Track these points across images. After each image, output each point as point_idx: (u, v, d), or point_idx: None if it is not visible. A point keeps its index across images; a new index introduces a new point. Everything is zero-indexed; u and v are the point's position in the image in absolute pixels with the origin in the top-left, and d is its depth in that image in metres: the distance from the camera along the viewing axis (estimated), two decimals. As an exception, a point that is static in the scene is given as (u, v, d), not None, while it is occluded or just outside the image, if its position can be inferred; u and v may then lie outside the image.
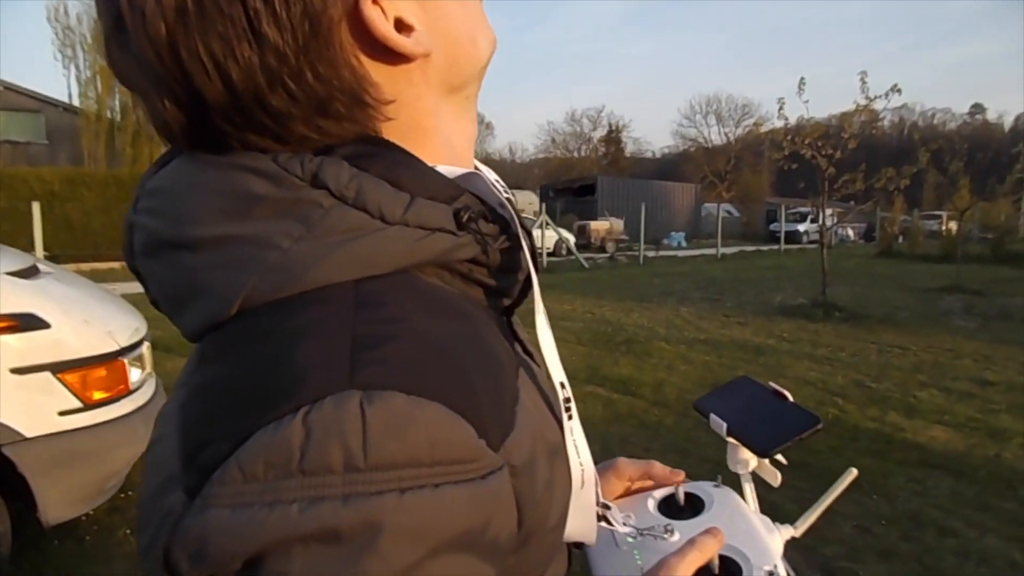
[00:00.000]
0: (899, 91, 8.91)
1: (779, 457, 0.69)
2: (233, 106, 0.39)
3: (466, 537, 0.36)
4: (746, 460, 0.70)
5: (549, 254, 18.13)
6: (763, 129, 11.48)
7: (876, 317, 8.67)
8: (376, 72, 0.42)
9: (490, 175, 0.51)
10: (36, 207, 11.39)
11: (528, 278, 0.50)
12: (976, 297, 10.78)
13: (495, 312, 0.49)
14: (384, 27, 0.40)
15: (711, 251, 21.96)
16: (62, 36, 21.52)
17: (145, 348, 3.03)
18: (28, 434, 2.41)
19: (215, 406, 0.36)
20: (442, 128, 0.48)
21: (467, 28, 0.47)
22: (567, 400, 0.49)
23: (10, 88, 22.88)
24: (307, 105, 0.40)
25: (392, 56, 0.42)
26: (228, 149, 0.41)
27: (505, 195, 0.49)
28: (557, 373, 0.48)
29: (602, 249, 22.51)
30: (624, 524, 0.61)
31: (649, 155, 68.29)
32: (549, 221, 17.24)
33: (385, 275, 0.41)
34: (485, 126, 63.87)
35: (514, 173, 61.46)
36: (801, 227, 30.04)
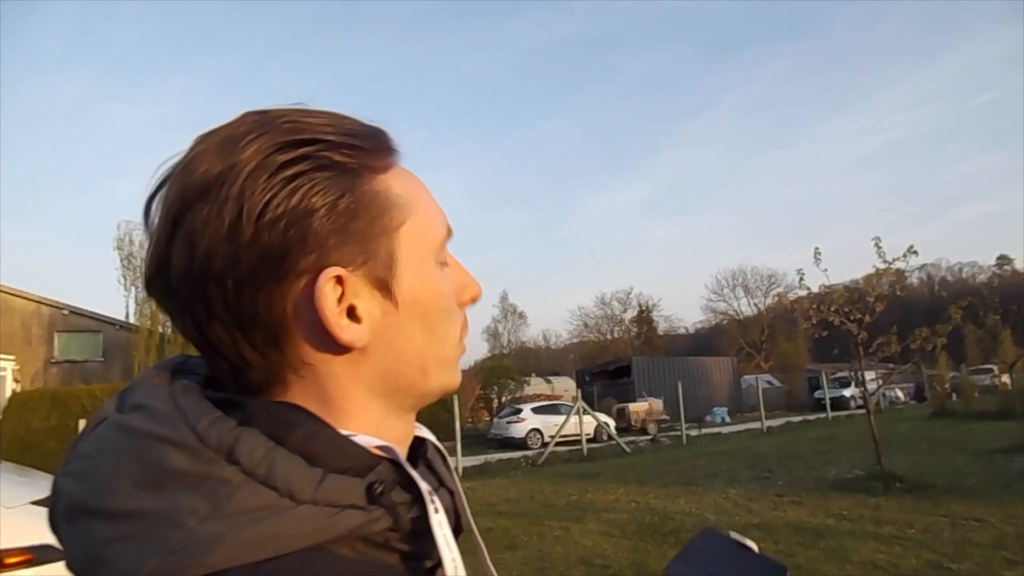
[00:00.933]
0: (916, 252, 9.01)
1: None
2: (184, 278, 0.45)
3: None
4: None
5: (589, 440, 17.62)
6: (789, 299, 11.49)
7: (941, 486, 8.06)
8: (305, 334, 0.46)
9: (429, 436, 0.57)
10: (82, 423, 11.56)
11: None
12: (1048, 456, 10.06)
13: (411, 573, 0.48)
14: (326, 302, 0.45)
15: (756, 425, 21.17)
16: (125, 261, 23.20)
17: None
18: None
19: None
20: (364, 418, 0.49)
21: (422, 355, 0.51)
22: None
23: (75, 312, 24.64)
24: (230, 319, 0.45)
25: (323, 334, 0.46)
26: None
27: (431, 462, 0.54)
28: None
29: (643, 431, 21.91)
30: None
31: (683, 331, 68.57)
32: (587, 407, 16.97)
33: (290, 554, 0.41)
34: (518, 315, 65.29)
35: (550, 359, 61.79)
36: (847, 392, 29.05)
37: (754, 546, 0.67)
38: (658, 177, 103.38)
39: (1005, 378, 15.96)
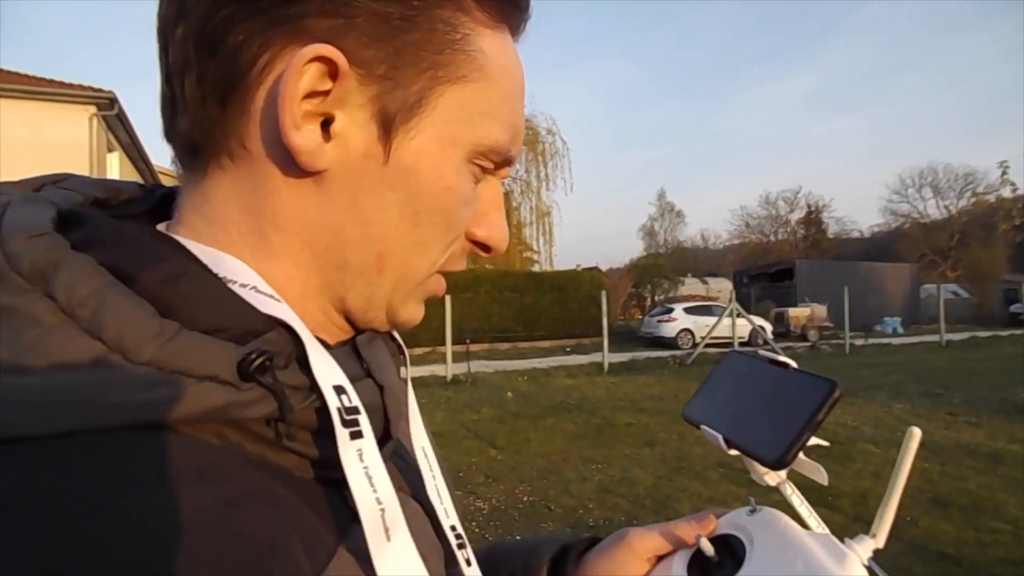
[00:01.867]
0: None
1: (817, 440, 0.50)
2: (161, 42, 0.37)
3: None
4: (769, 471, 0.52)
5: (743, 343, 17.07)
6: (990, 199, 10.08)
7: None
8: (258, 125, 0.36)
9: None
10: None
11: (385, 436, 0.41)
12: None
13: (317, 484, 0.36)
14: (291, 86, 0.34)
15: (933, 338, 19.38)
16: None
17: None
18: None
19: None
20: (289, 270, 0.39)
21: (387, 240, 0.39)
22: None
23: None
24: (197, 87, 0.36)
25: (275, 132, 0.35)
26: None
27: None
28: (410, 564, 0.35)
29: (803, 338, 20.83)
30: None
31: (856, 235, 63.41)
32: (740, 309, 16.28)
33: (110, 429, 0.29)
34: (675, 214, 63.47)
35: (708, 260, 59.90)
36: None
37: (792, 363, 0.54)
38: (830, 64, 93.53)
39: None
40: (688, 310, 20.54)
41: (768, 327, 19.95)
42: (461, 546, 0.44)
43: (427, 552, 0.40)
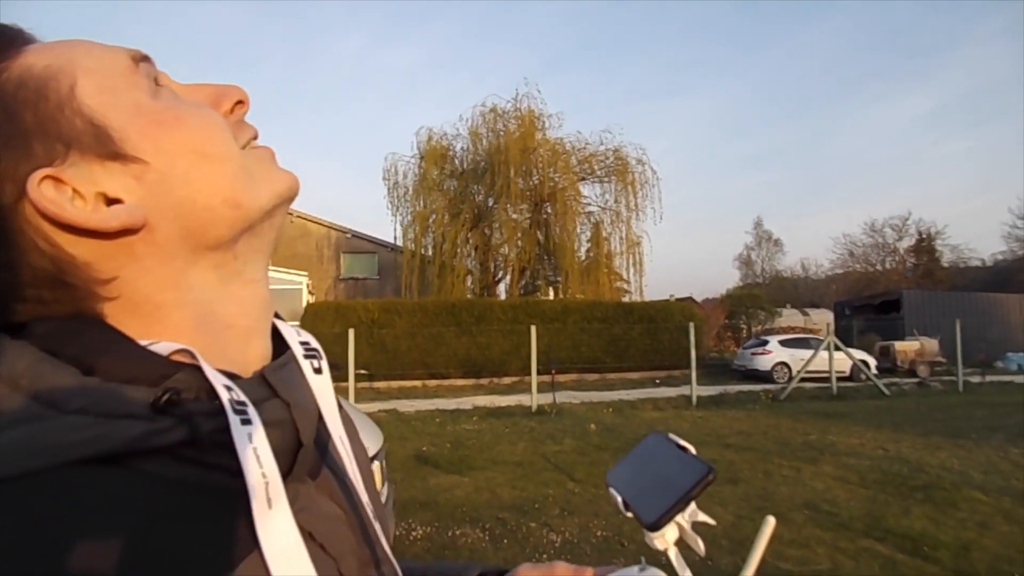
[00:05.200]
0: None
1: (704, 518, 0.60)
2: None
3: None
4: (663, 532, 0.59)
5: (843, 378, 16.20)
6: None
7: None
8: (83, 251, 0.41)
9: (291, 336, 0.52)
10: (351, 333, 13.31)
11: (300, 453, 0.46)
12: None
13: (235, 493, 0.41)
14: (57, 208, 0.40)
15: (1065, 376, 17.79)
16: (392, 189, 25.69)
17: (376, 465, 3.23)
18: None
19: None
20: (191, 299, 0.45)
21: (213, 191, 0.44)
22: None
23: (356, 236, 28.78)
24: (3, 298, 0.41)
25: (96, 233, 0.41)
26: None
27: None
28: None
29: (911, 373, 19.55)
30: None
31: (977, 263, 59.16)
32: (838, 342, 15.53)
33: (52, 470, 0.36)
34: (773, 243, 61.34)
35: (808, 290, 57.31)
36: None
37: (691, 448, 0.65)
38: (947, 83, 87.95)
39: None
40: (784, 343, 19.73)
41: (872, 361, 18.88)
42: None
43: (341, 552, 0.47)
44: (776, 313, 28.24)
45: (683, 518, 0.60)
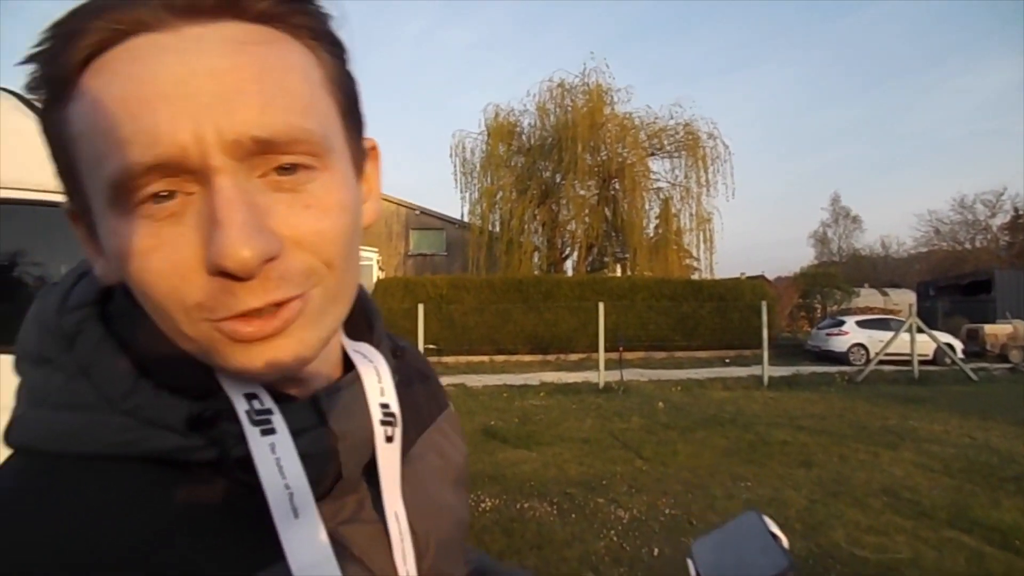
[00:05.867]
0: None
1: None
2: None
3: None
4: None
5: (926, 362, 15.50)
6: None
7: None
8: None
9: (372, 387, 0.50)
10: (420, 308, 13.59)
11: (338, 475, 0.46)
12: None
13: (258, 510, 0.41)
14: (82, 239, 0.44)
15: None
16: (460, 166, 25.87)
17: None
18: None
19: None
20: None
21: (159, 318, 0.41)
22: None
23: (424, 212, 28.99)
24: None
25: None
26: None
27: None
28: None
29: (1003, 358, 18.55)
30: None
31: (1078, 242, 55.32)
32: (921, 324, 14.84)
33: (93, 456, 0.40)
34: (851, 219, 58.92)
35: (888, 270, 54.87)
36: None
37: (784, 538, 0.65)
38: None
39: None
40: (862, 323, 19.00)
41: (959, 345, 17.98)
42: None
43: (383, 569, 0.47)
44: (853, 293, 27.10)
45: None
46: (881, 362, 14.69)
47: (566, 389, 12.10)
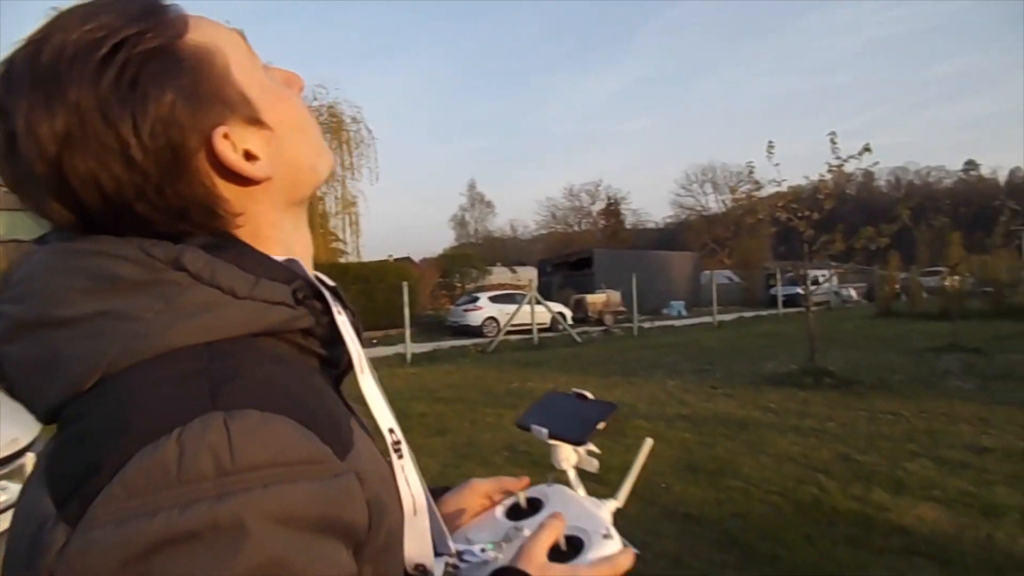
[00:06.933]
0: (869, 150, 8.82)
1: (594, 448, 0.84)
2: (107, 211, 0.49)
3: (324, 523, 0.43)
4: (567, 456, 0.83)
5: (545, 330, 17.82)
6: (742, 194, 11.38)
7: (869, 382, 8.27)
8: (226, 191, 0.52)
9: (319, 275, 0.62)
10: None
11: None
12: (975, 355, 10.38)
13: (327, 377, 0.57)
14: (233, 157, 0.51)
15: (709, 319, 21.61)
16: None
17: (30, 456, 2.76)
18: None
19: (88, 448, 0.41)
20: (282, 237, 0.58)
21: (308, 158, 0.58)
22: (396, 442, 0.59)
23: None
24: (167, 213, 0.50)
25: (240, 179, 0.53)
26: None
27: (328, 286, 0.59)
28: (384, 420, 0.59)
29: (600, 323, 22.24)
30: (481, 546, 0.70)
31: (652, 225, 68.62)
32: (539, 297, 17.03)
33: (234, 338, 0.49)
34: (485, 204, 64.75)
35: (516, 250, 61.77)
36: (801, 289, 29.55)
37: (589, 395, 0.86)
38: (632, 67, 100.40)
39: (954, 280, 16.34)
40: (493, 299, 21.10)
41: (568, 313, 21.03)
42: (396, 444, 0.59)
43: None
44: (487, 271, 29.96)
45: (579, 448, 0.82)
46: (509, 332, 16.48)
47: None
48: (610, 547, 0.69)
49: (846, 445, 5.57)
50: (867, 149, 8.80)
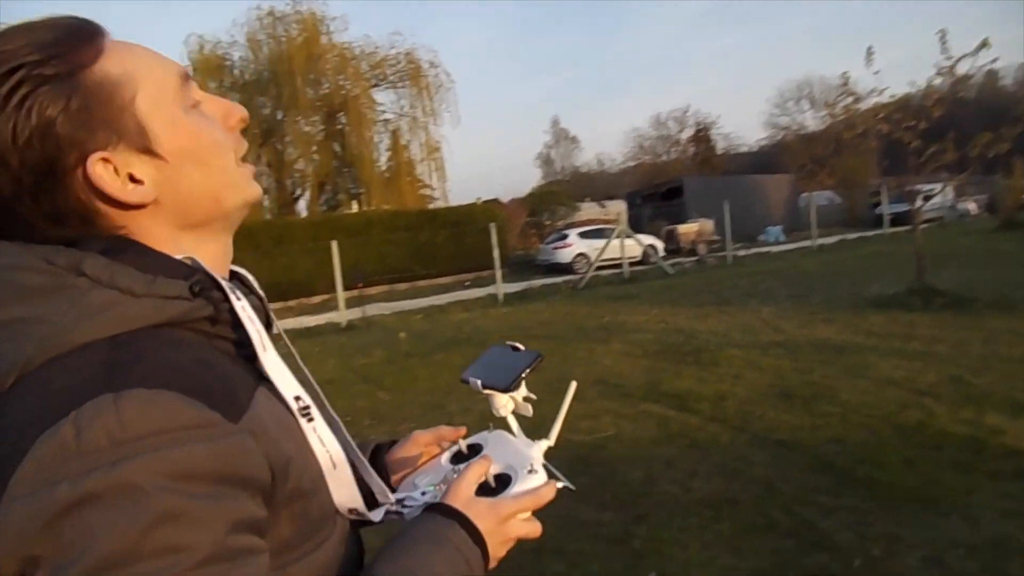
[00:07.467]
0: (987, 45, 7.94)
1: (530, 395, 0.90)
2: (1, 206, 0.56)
3: (220, 476, 0.49)
4: (504, 404, 0.89)
5: (636, 263, 17.57)
6: (835, 108, 10.58)
7: (985, 301, 7.72)
8: (103, 207, 0.58)
9: (236, 268, 0.72)
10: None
11: (268, 329, 0.67)
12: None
13: (239, 357, 0.63)
14: (106, 179, 0.57)
15: (809, 243, 20.65)
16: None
17: None
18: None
19: (5, 440, 0.47)
20: (182, 250, 0.62)
21: (207, 188, 0.63)
22: (304, 407, 0.64)
23: None
24: (45, 218, 0.57)
25: (116, 201, 0.58)
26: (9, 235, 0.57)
27: (239, 276, 0.71)
28: (289, 391, 0.63)
29: (693, 253, 21.71)
30: (422, 490, 0.81)
31: (745, 150, 65.56)
32: (629, 230, 16.75)
33: (135, 330, 0.55)
34: (570, 140, 63.70)
35: (605, 184, 60.55)
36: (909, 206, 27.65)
37: (521, 347, 0.93)
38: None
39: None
40: (583, 234, 20.95)
41: (660, 245, 20.63)
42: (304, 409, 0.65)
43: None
44: (576, 208, 29.63)
45: (516, 394, 0.88)
46: (600, 268, 16.38)
47: (308, 333, 11.78)
48: (534, 481, 0.77)
49: (957, 367, 5.28)
50: (985, 44, 7.96)
